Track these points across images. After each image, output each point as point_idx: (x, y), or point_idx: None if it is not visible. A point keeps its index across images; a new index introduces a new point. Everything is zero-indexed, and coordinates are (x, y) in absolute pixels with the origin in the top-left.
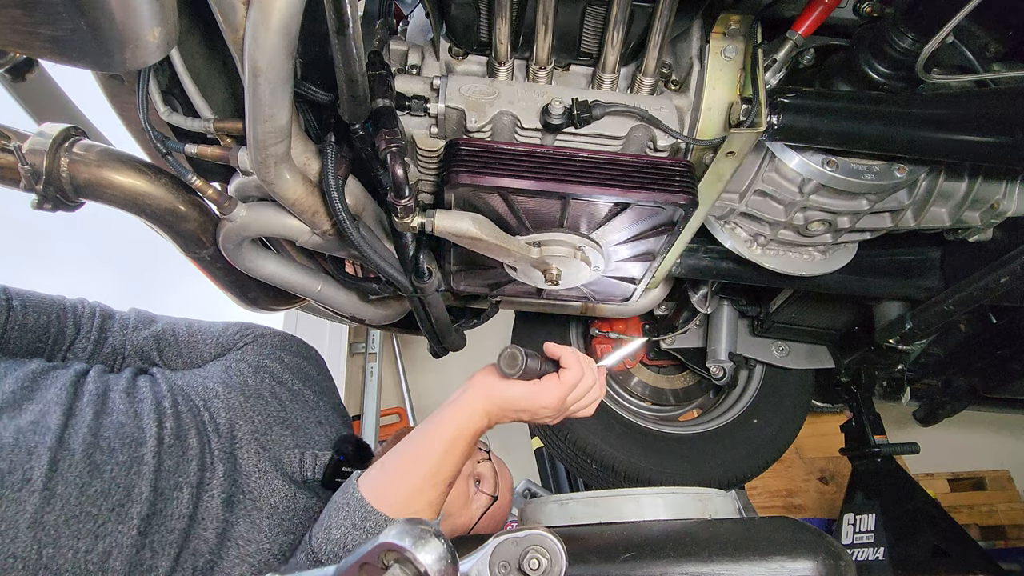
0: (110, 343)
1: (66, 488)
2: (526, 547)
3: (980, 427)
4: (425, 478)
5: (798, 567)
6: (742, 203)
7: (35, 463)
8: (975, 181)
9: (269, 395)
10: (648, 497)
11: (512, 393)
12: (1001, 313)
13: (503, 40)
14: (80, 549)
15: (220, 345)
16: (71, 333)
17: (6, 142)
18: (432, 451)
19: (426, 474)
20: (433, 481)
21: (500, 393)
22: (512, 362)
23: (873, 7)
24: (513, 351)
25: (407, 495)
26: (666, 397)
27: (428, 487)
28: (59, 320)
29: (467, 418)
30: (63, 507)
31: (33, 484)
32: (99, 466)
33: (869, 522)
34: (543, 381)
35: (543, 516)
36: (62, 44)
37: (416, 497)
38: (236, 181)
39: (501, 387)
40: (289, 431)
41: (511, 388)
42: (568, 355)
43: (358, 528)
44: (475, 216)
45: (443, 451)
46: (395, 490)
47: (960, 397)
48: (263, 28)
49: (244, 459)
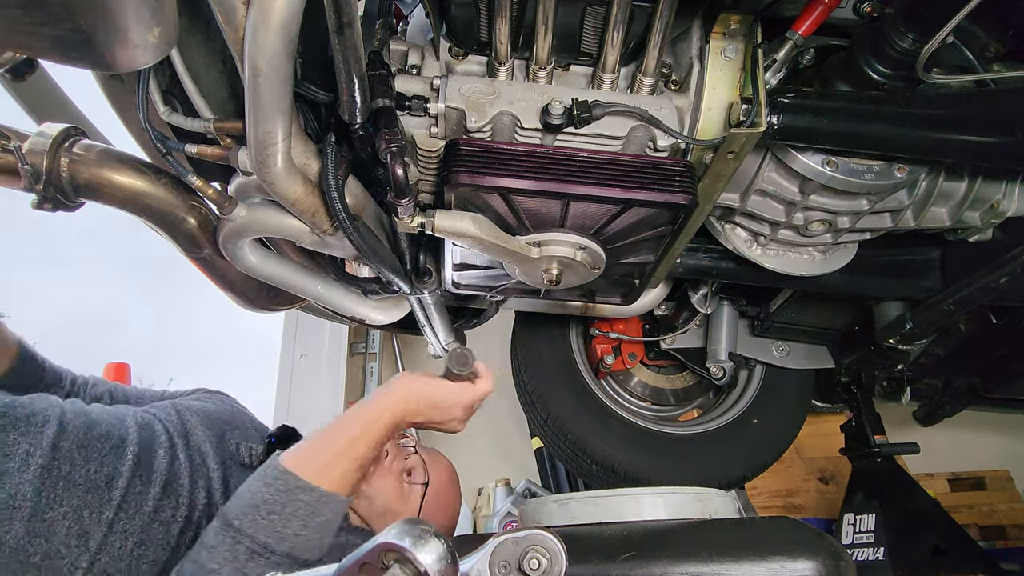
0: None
1: (75, 428)
2: (526, 547)
3: (980, 427)
4: (339, 452)
5: (798, 567)
6: (742, 203)
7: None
8: (975, 181)
9: (212, 408)
10: (648, 497)
11: (439, 393)
12: (1001, 313)
13: (503, 40)
14: (91, 470)
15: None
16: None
17: (6, 142)
18: (349, 430)
19: (341, 448)
20: (347, 456)
21: (427, 391)
22: (464, 360)
23: (873, 7)
24: (464, 352)
25: (322, 464)
26: (666, 397)
27: (342, 460)
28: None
29: (379, 411)
30: (74, 438)
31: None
32: (96, 420)
33: (869, 522)
34: (463, 386)
35: (543, 516)
36: (62, 44)
37: (330, 467)
38: (236, 181)
39: (427, 386)
40: (229, 427)
41: (440, 388)
42: (482, 367)
43: (268, 486)
44: (475, 216)
45: (358, 432)
46: (311, 458)
47: (960, 397)
48: (263, 28)
49: (195, 439)
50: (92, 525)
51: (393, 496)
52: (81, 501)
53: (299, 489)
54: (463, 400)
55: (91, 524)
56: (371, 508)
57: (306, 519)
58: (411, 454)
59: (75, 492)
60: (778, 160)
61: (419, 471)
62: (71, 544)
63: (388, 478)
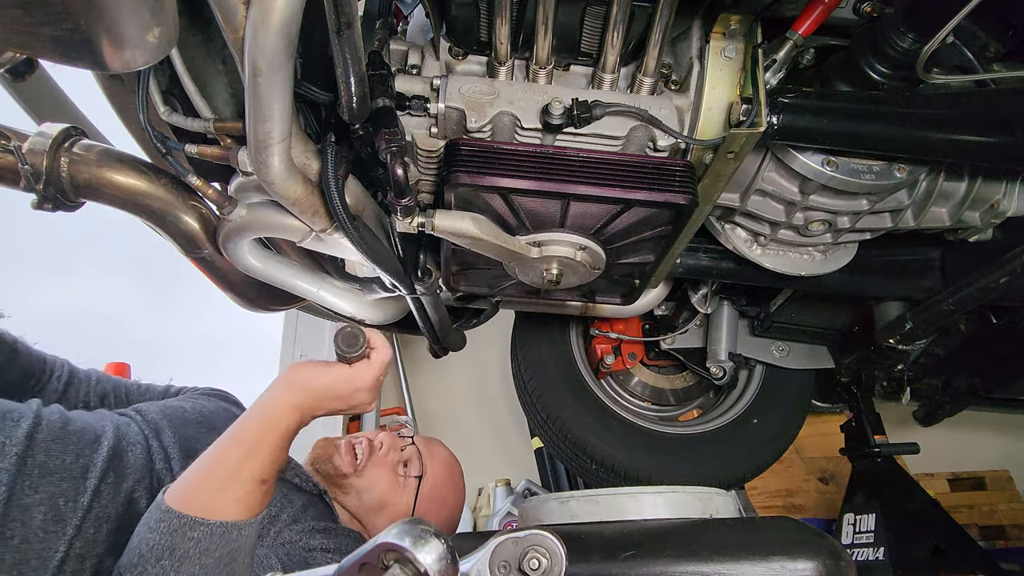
0: (75, 388)
1: (50, 424)
2: (526, 547)
3: (980, 427)
4: (230, 475)
5: (798, 567)
6: (742, 203)
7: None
8: (975, 181)
9: (192, 409)
10: (649, 496)
11: (331, 379)
12: (1001, 313)
13: (503, 40)
14: (66, 461)
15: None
16: (46, 376)
17: (6, 142)
18: (240, 446)
19: (232, 470)
20: (242, 477)
21: (317, 383)
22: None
23: (873, 7)
24: (354, 330)
25: (211, 491)
26: (666, 397)
27: (235, 483)
28: (41, 366)
29: (273, 416)
30: (49, 432)
31: (25, 419)
32: (73, 419)
33: (869, 522)
34: (360, 366)
35: (543, 514)
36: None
37: (221, 494)
38: (236, 181)
39: (318, 376)
40: (204, 429)
41: (330, 374)
42: (375, 335)
43: (152, 530)
44: (475, 216)
45: (246, 451)
46: (196, 489)
47: (960, 397)
48: (263, 28)
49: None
50: (67, 512)
51: (388, 489)
52: (57, 489)
53: (186, 527)
54: (363, 382)
55: (66, 511)
56: (361, 503)
57: (200, 558)
58: (407, 445)
59: (51, 480)
60: (778, 160)
61: (415, 463)
62: (48, 529)
63: (381, 470)
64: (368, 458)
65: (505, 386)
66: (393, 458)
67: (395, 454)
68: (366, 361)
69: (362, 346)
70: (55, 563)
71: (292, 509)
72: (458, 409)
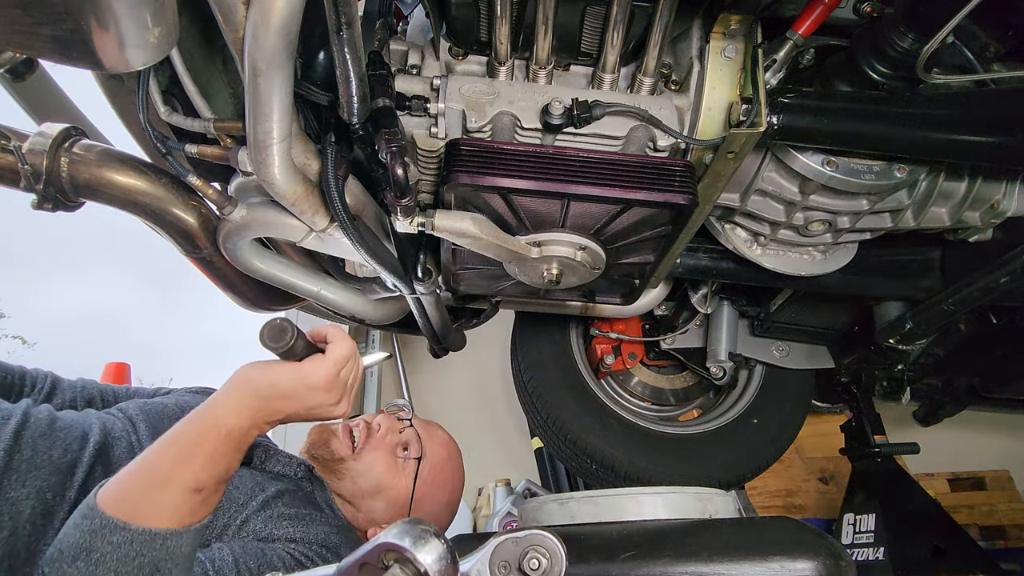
0: (59, 397)
1: (37, 422)
2: (526, 547)
3: (980, 427)
4: (163, 479)
5: (799, 567)
6: (742, 203)
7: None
8: (975, 181)
9: (173, 405)
10: (648, 496)
11: (275, 377)
12: (1001, 313)
13: (503, 40)
14: (53, 456)
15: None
16: (27, 389)
17: (6, 142)
18: (168, 453)
19: (165, 474)
20: (175, 483)
21: (260, 381)
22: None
23: (873, 7)
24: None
25: (136, 496)
26: (666, 397)
27: (167, 488)
28: (20, 379)
29: (213, 418)
30: (36, 428)
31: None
32: (60, 417)
33: (869, 522)
34: (308, 360)
35: (543, 515)
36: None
37: (151, 498)
38: (236, 181)
39: (264, 375)
40: None
41: (273, 372)
42: (333, 330)
43: (77, 527)
44: (475, 216)
45: (180, 455)
46: (126, 490)
47: (960, 397)
48: (263, 28)
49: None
50: (55, 505)
51: (385, 471)
52: (44, 483)
53: (107, 529)
54: (316, 379)
55: (54, 504)
56: (357, 486)
57: (118, 565)
58: (406, 427)
59: (39, 474)
60: (778, 160)
61: (414, 445)
62: (36, 523)
63: (379, 453)
64: (365, 441)
65: (505, 386)
66: (391, 440)
67: (393, 436)
68: (318, 356)
69: (290, 339)
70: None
71: (263, 495)
72: (458, 409)
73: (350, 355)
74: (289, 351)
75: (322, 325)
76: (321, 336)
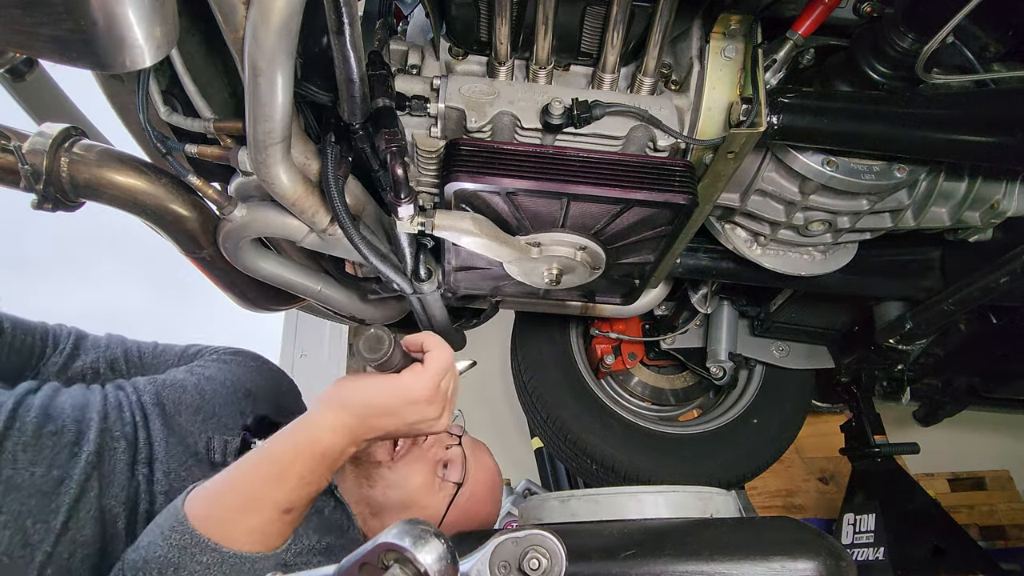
0: (81, 360)
1: (23, 425)
2: (526, 547)
3: (980, 427)
4: (253, 498)
5: (799, 567)
6: (742, 203)
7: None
8: (975, 181)
9: (193, 388)
10: (649, 495)
11: (372, 392)
12: (1001, 313)
13: (503, 40)
14: (36, 474)
15: (180, 362)
16: (49, 350)
17: (6, 142)
18: (261, 470)
19: (256, 492)
20: (265, 503)
21: (356, 397)
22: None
23: (873, 7)
24: (378, 331)
25: (231, 513)
26: (666, 397)
27: (257, 509)
28: (41, 340)
29: (307, 437)
30: (20, 437)
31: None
32: (52, 416)
33: (869, 522)
34: (407, 371)
35: (544, 513)
36: (62, 44)
37: (241, 518)
38: (236, 181)
39: (357, 389)
40: (200, 417)
41: (369, 386)
42: (431, 338)
43: (165, 539)
44: (475, 216)
45: (273, 474)
46: (216, 504)
47: (960, 397)
48: (263, 28)
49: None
50: (36, 535)
51: (420, 487)
52: (23, 507)
53: (197, 548)
54: (415, 393)
55: (35, 533)
56: (387, 498)
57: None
58: (454, 445)
59: (17, 497)
60: (778, 160)
61: (456, 467)
62: (14, 555)
63: (419, 465)
64: (409, 449)
65: (505, 386)
66: (436, 455)
67: (439, 450)
68: (417, 367)
69: (389, 349)
70: None
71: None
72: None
73: (449, 364)
74: (386, 362)
75: (417, 333)
76: (417, 345)
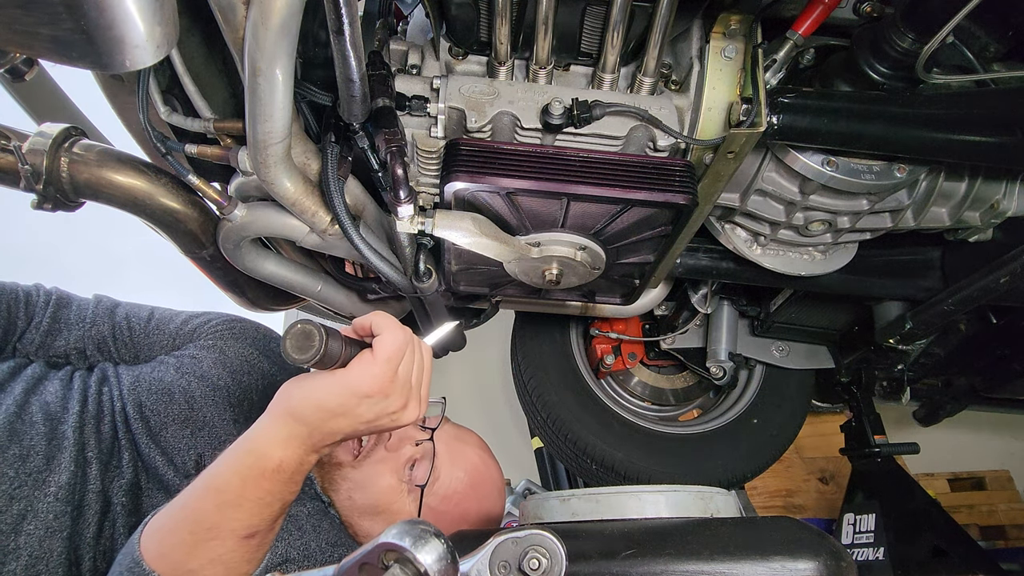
0: (64, 337)
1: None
2: (526, 547)
3: (980, 427)
4: (204, 532)
5: (799, 567)
6: (742, 203)
7: None
8: (975, 181)
9: (181, 394)
10: (650, 495)
11: (320, 393)
12: (1001, 313)
13: (503, 40)
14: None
15: (175, 343)
16: (22, 324)
17: (6, 142)
18: (211, 500)
19: (205, 527)
20: (215, 536)
21: (305, 402)
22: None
23: (873, 7)
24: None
25: (183, 550)
26: (666, 397)
27: (207, 546)
28: (10, 310)
29: (257, 456)
30: None
31: None
32: (18, 433)
33: (869, 522)
34: (354, 362)
35: (544, 512)
36: (62, 44)
37: (193, 553)
38: (236, 181)
39: (304, 394)
40: (189, 431)
41: (317, 387)
42: (379, 318)
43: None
44: (475, 216)
45: (226, 501)
46: (170, 541)
47: (960, 397)
48: (263, 28)
49: (145, 453)
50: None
51: (386, 490)
52: None
53: None
54: (367, 385)
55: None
56: (353, 503)
57: None
58: (423, 440)
59: None
60: (778, 160)
61: (422, 467)
62: None
63: (384, 467)
64: (372, 447)
65: (505, 386)
66: (404, 453)
67: (409, 448)
68: (366, 355)
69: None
70: None
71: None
72: (458, 409)
73: (404, 344)
74: (323, 359)
75: (365, 315)
76: (366, 328)
